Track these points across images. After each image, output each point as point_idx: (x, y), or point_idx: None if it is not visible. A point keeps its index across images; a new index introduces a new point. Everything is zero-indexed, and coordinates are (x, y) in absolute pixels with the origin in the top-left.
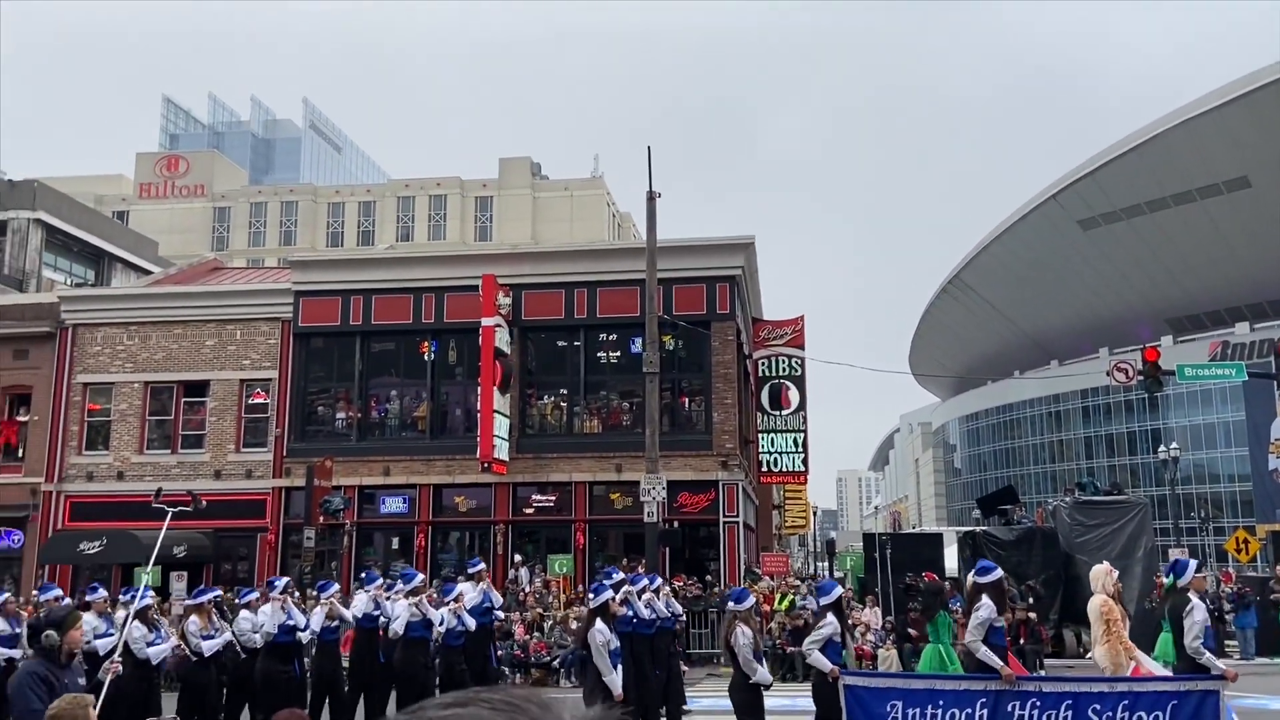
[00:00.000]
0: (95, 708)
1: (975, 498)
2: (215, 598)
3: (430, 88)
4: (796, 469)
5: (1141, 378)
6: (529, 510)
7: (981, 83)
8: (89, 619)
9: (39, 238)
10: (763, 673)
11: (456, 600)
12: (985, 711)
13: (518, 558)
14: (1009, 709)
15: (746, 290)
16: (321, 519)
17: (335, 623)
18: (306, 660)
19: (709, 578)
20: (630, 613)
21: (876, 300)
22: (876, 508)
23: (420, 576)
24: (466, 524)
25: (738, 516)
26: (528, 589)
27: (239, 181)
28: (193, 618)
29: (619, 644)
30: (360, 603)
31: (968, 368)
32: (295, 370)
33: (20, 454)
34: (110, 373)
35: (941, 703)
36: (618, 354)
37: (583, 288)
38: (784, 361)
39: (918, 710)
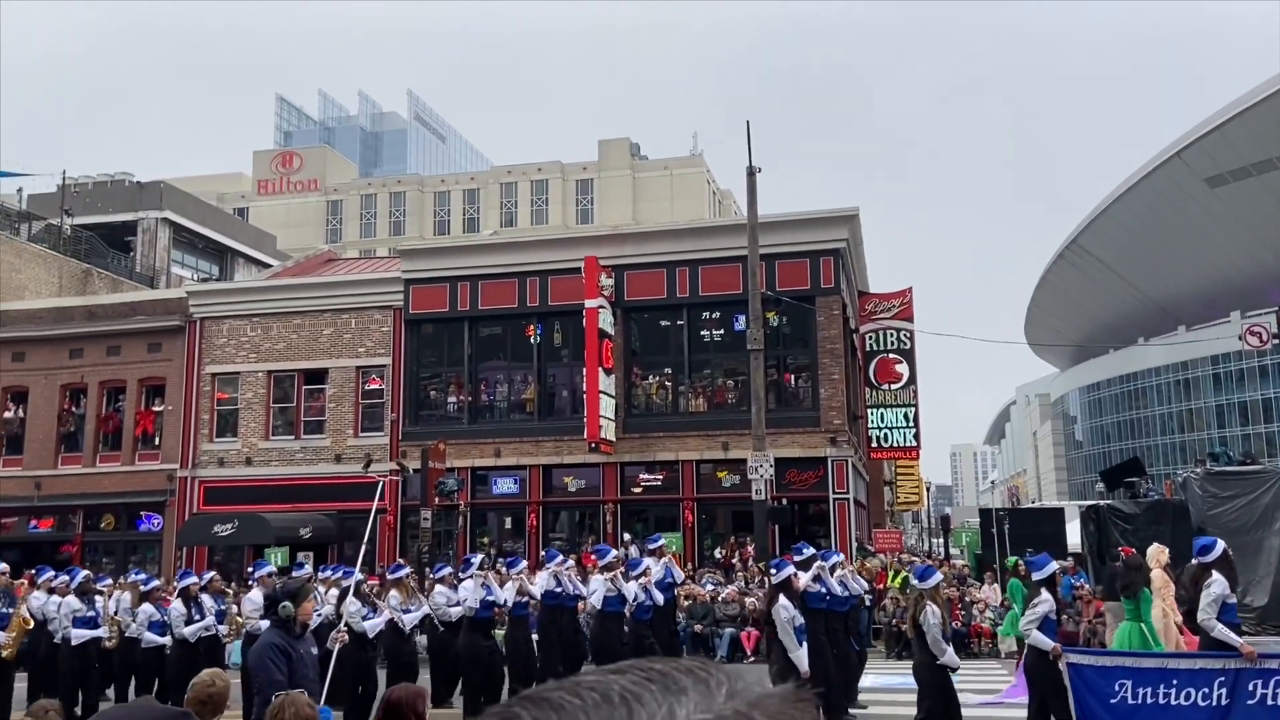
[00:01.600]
0: (327, 679)
1: (1098, 471)
2: (410, 573)
3: (530, 73)
4: (908, 444)
5: (1277, 341)
6: (637, 489)
7: (1099, 43)
8: (255, 595)
9: (167, 236)
10: (951, 654)
11: (644, 575)
12: (1224, 691)
13: (627, 536)
14: (1250, 688)
15: (851, 263)
16: (437, 500)
17: (526, 598)
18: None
19: None
20: (824, 589)
21: (989, 269)
22: (993, 482)
23: (614, 552)
24: (576, 503)
25: (848, 493)
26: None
27: (349, 175)
28: (393, 592)
29: (803, 621)
30: (542, 579)
31: (1088, 336)
32: (407, 356)
33: (157, 442)
34: (236, 363)
35: (1175, 682)
36: (721, 332)
37: (684, 266)
38: (892, 335)
39: (1148, 690)
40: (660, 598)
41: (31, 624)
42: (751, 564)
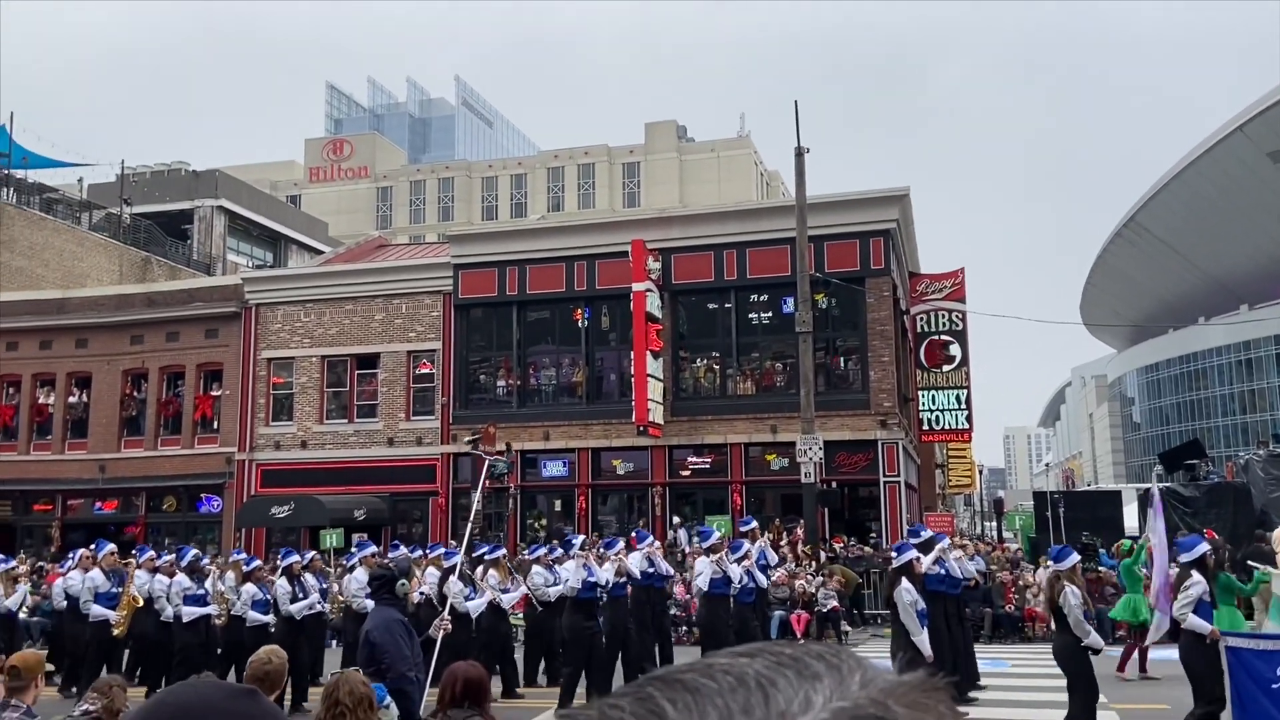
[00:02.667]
0: (432, 661)
1: (1157, 453)
2: (504, 554)
3: (576, 57)
4: (960, 426)
5: None
6: (685, 472)
7: (1160, 11)
8: (360, 574)
9: (223, 224)
10: (1095, 636)
11: (746, 557)
12: None
13: (676, 519)
14: None
15: (902, 244)
16: (487, 483)
17: (624, 579)
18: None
19: (872, 537)
20: (942, 571)
21: (1044, 249)
22: (1047, 465)
23: (718, 533)
24: (625, 486)
25: (898, 476)
26: (687, 549)
27: (398, 161)
28: (491, 572)
29: (924, 605)
30: (636, 560)
31: (1146, 316)
32: (457, 340)
33: (215, 426)
34: (290, 348)
35: None
36: (769, 314)
37: (732, 249)
38: (943, 316)
39: None
40: (763, 580)
41: (140, 603)
42: (801, 547)
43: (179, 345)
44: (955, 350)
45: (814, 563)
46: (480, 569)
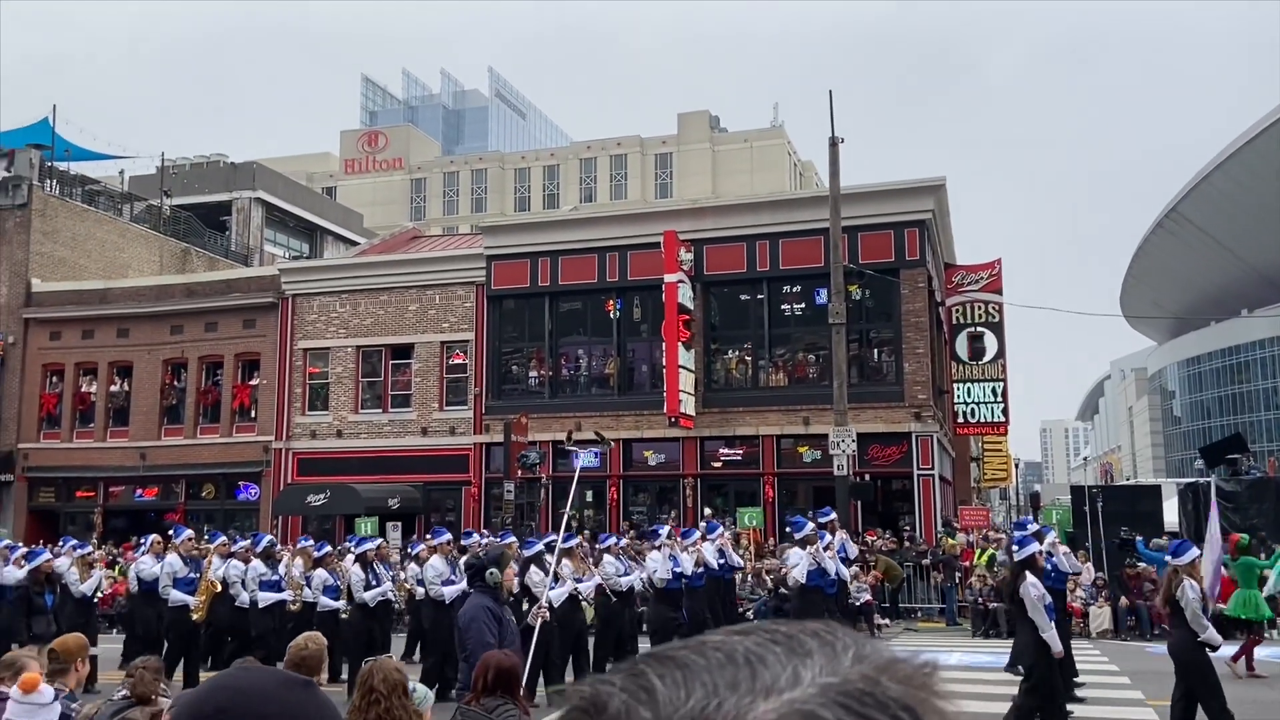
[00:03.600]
0: (530, 651)
1: (1198, 447)
2: (579, 543)
3: (609, 48)
4: (996, 419)
5: None
6: (717, 464)
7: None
8: (436, 562)
9: (260, 215)
10: (1213, 631)
11: (828, 547)
12: None
13: (707, 511)
14: None
15: (937, 234)
16: (519, 473)
17: (701, 569)
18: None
19: (906, 531)
20: (1050, 566)
21: (1084, 240)
22: (1085, 459)
23: (811, 526)
24: (656, 478)
25: (933, 469)
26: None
27: (432, 153)
28: (565, 561)
29: (1051, 599)
30: (710, 551)
31: (1188, 308)
32: (490, 331)
33: (253, 415)
34: (326, 338)
35: None
36: (802, 306)
37: (764, 240)
38: (980, 307)
39: None
40: (846, 572)
41: (219, 588)
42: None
43: (217, 335)
44: (992, 342)
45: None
46: (555, 557)
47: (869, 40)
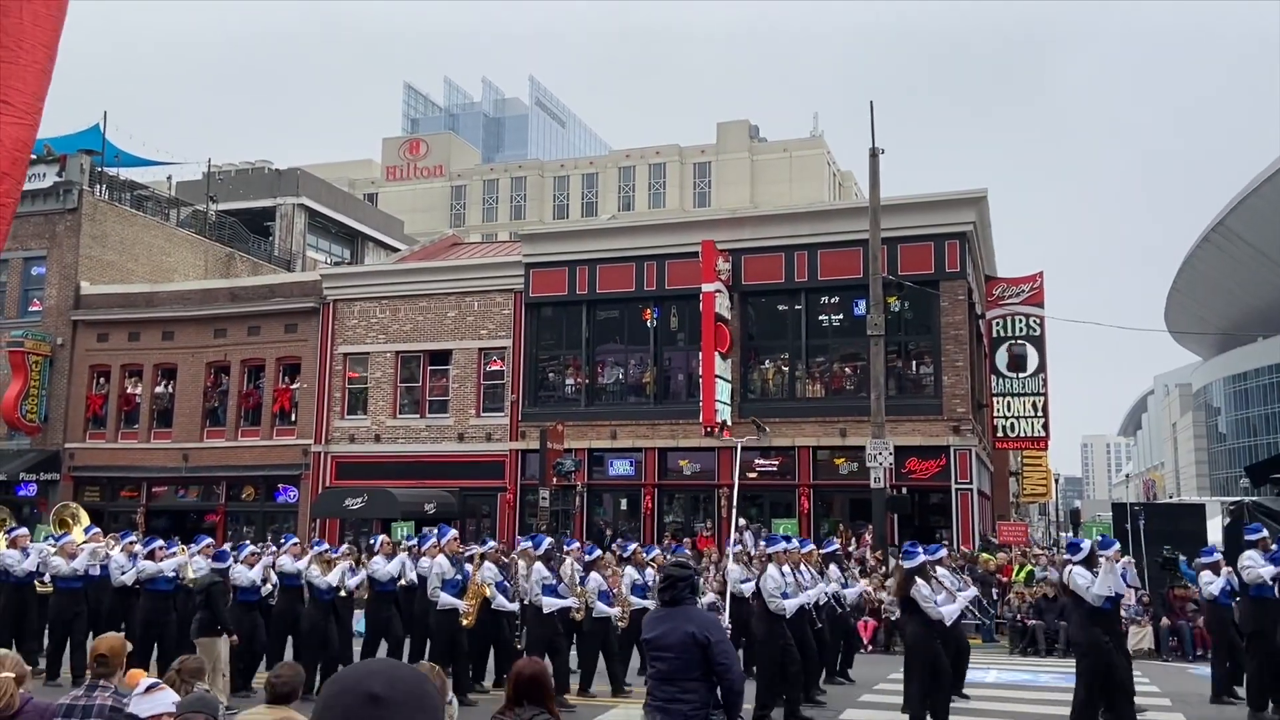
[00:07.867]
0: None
1: (1243, 465)
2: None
3: (649, 56)
4: (1036, 434)
5: None
6: (752, 475)
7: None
8: (379, 561)
9: (303, 221)
10: None
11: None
12: None
13: (742, 521)
14: None
15: (979, 247)
16: (554, 480)
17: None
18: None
19: (943, 545)
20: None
21: (1128, 254)
22: (1127, 476)
23: (922, 555)
24: (691, 487)
25: (971, 483)
26: (754, 551)
27: (473, 160)
28: (593, 573)
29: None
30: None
31: (1234, 323)
32: (527, 338)
33: (293, 418)
34: (366, 343)
35: None
36: (840, 317)
37: (803, 250)
38: (1021, 321)
39: None
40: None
41: (489, 592)
42: (868, 553)
43: (260, 339)
44: (1033, 355)
45: (884, 569)
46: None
47: (915, 47)
